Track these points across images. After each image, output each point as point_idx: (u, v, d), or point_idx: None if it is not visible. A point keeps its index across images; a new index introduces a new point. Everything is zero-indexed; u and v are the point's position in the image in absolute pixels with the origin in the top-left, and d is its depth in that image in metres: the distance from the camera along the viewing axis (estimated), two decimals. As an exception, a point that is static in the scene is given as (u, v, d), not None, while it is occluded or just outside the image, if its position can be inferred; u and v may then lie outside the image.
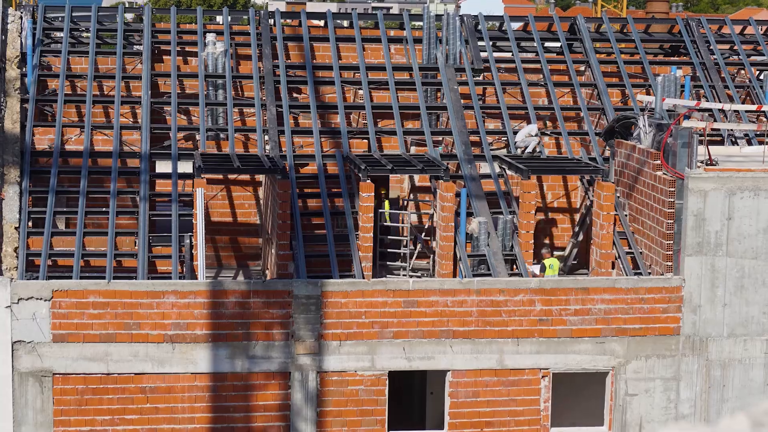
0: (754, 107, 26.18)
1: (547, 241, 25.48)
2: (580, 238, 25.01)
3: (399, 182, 27.81)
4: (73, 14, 27.51)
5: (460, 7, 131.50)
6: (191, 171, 23.07)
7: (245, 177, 26.49)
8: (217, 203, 26.58)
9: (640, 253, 22.95)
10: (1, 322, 20.22)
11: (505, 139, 25.78)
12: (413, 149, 26.29)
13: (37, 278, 20.86)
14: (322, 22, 29.25)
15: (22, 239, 21.83)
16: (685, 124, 22.37)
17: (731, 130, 26.04)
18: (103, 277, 20.83)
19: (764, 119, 26.72)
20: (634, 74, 28.15)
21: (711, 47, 28.96)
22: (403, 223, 24.81)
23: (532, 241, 23.17)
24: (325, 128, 25.77)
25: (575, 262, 24.93)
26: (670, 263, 21.92)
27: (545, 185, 27.47)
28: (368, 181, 22.02)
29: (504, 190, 24.24)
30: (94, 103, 25.56)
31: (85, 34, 27.82)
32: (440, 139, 26.31)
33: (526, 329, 21.32)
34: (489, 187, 24.24)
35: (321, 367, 20.99)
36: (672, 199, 21.75)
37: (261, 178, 26.16)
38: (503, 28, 28.96)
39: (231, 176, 26.32)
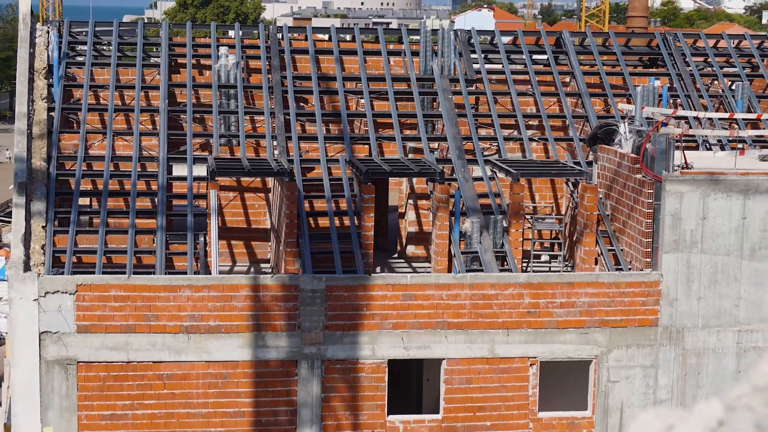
0: (726, 115, 26.20)
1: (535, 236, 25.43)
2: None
3: (398, 185, 27.81)
4: (96, 29, 27.50)
5: (454, 22, 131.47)
6: (205, 174, 23.05)
7: (257, 184, 26.45)
8: (231, 207, 26.53)
9: (621, 250, 22.94)
10: (30, 314, 20.23)
11: (496, 145, 25.76)
12: (411, 154, 26.26)
13: (62, 273, 20.86)
14: (326, 36, 29.20)
15: (49, 237, 21.82)
16: (663, 130, 22.37)
17: (705, 136, 26.03)
18: (124, 273, 20.82)
19: (736, 126, 26.71)
20: (615, 85, 28.13)
21: (687, 60, 28.93)
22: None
23: (521, 239, 23.17)
24: (329, 135, 25.75)
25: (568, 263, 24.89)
26: (648, 259, 21.91)
27: (533, 187, 27.46)
28: (369, 183, 22.01)
29: (495, 191, 24.22)
30: (116, 111, 25.54)
31: (107, 48, 27.80)
32: (436, 145, 26.29)
33: (516, 321, 21.31)
34: (481, 189, 24.23)
35: (325, 355, 20.98)
36: (651, 200, 21.74)
37: (271, 184, 26.12)
38: (494, 42, 28.94)
39: (244, 183, 26.30)
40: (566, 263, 24.06)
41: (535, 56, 28.93)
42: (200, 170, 24.00)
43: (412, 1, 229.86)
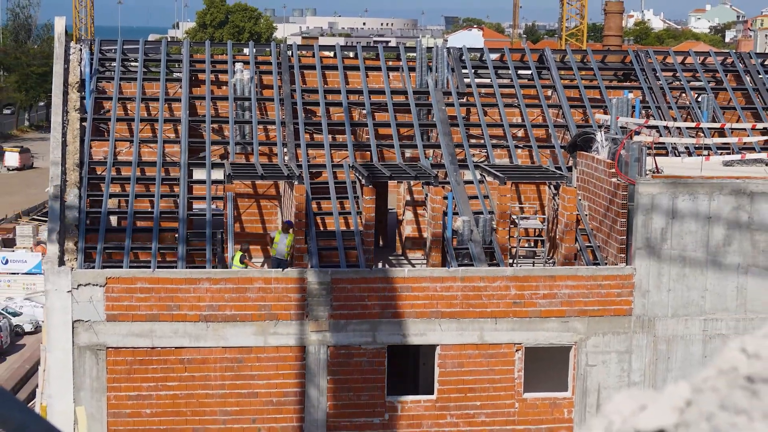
0: (693, 125, 26.18)
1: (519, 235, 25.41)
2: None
3: (396, 187, 27.79)
4: (124, 47, 27.48)
5: (447, 40, 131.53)
6: (222, 178, 23.03)
7: (271, 192, 26.44)
8: (249, 209, 26.49)
9: (598, 246, 22.93)
10: (64, 304, 20.23)
11: (485, 151, 25.73)
12: (408, 160, 26.22)
13: (93, 268, 20.85)
14: (332, 53, 29.21)
15: (81, 235, 21.81)
16: (636, 138, 22.36)
17: (674, 143, 26.02)
18: (149, 267, 20.81)
19: (702, 135, 26.70)
20: (593, 97, 28.11)
21: (657, 74, 28.92)
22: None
23: (508, 236, 23.15)
24: (334, 142, 25.73)
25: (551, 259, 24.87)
26: (623, 255, 21.89)
27: (519, 189, 27.42)
28: (371, 186, 21.99)
29: (484, 194, 24.20)
30: (142, 121, 25.53)
31: (133, 64, 27.79)
32: (431, 151, 26.27)
33: (503, 310, 21.30)
34: (471, 192, 24.21)
35: (331, 342, 20.97)
36: (625, 201, 21.73)
37: (282, 189, 26.10)
38: (483, 58, 28.93)
39: (259, 187, 26.27)
40: (548, 258, 24.03)
41: (520, 71, 28.92)
42: (218, 174, 23.98)
43: (409, 21, 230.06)
